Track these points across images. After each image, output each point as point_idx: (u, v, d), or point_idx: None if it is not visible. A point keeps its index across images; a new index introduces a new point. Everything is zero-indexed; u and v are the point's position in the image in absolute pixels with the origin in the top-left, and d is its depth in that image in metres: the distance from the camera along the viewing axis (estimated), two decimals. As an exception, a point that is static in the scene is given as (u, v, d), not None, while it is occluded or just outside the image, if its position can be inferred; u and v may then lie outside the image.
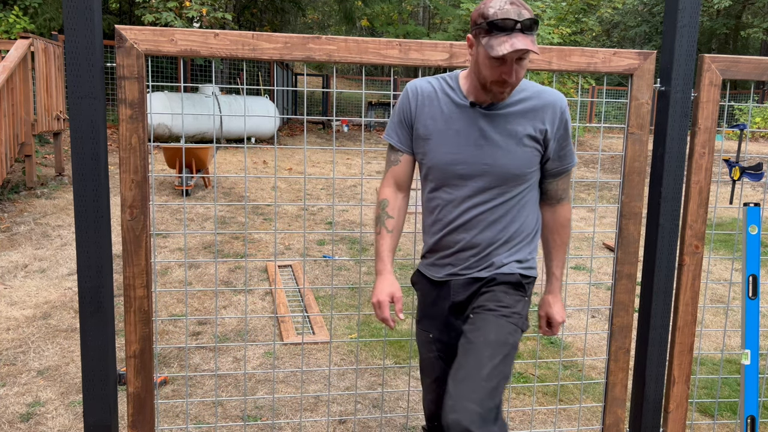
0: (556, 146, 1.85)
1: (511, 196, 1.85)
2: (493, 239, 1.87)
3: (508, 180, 1.82)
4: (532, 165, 1.84)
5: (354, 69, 22.16)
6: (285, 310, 4.29)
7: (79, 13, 1.79)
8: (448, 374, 1.93)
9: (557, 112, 1.83)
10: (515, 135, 1.80)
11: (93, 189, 1.87)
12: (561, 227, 1.95)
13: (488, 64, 1.69)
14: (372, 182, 9.37)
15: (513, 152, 1.80)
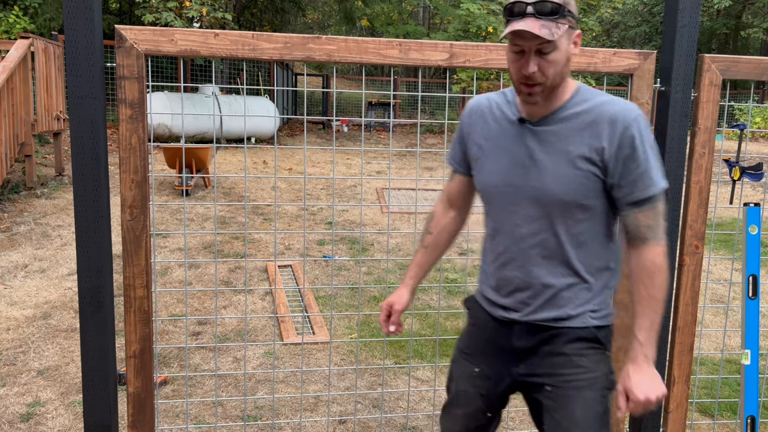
0: (621, 169, 1.50)
1: (569, 228, 1.56)
2: (550, 279, 1.59)
3: (560, 208, 1.54)
4: (589, 191, 1.52)
5: (354, 69, 22.17)
6: (285, 310, 4.28)
7: (79, 13, 1.79)
8: (483, 412, 1.73)
9: (618, 127, 1.49)
10: (567, 155, 1.52)
11: (93, 189, 1.87)
12: (646, 276, 1.52)
13: (510, 59, 1.51)
14: (372, 182, 9.37)
15: (563, 176, 1.52)
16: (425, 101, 18.88)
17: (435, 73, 24.27)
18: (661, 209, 1.53)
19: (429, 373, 3.52)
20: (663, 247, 1.53)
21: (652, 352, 1.52)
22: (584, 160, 1.51)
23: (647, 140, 1.52)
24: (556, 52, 1.47)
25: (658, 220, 1.53)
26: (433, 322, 4.27)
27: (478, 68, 2.06)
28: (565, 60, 1.50)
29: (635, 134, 1.50)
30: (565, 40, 1.48)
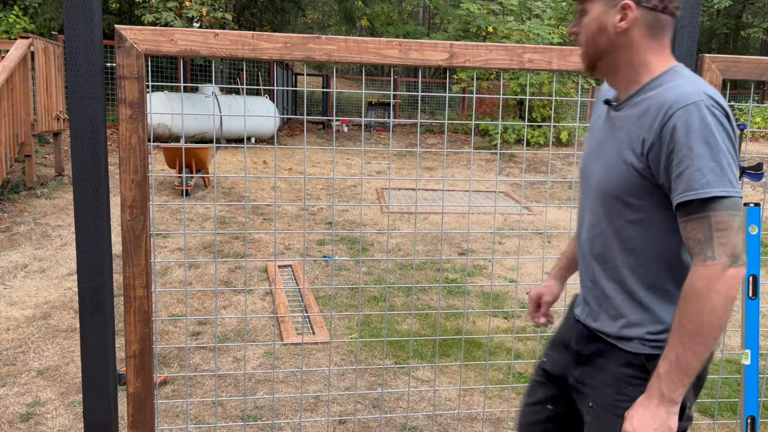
0: (662, 165, 1.29)
1: (618, 228, 1.41)
2: (604, 283, 1.45)
3: (608, 203, 1.40)
4: (632, 187, 1.35)
5: (354, 69, 22.16)
6: (285, 310, 4.28)
7: (79, 13, 1.79)
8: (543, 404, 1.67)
9: (659, 116, 1.28)
10: (619, 144, 1.38)
11: (93, 189, 1.87)
12: (682, 300, 1.27)
13: None
14: (372, 182, 9.36)
15: (611, 166, 1.39)
16: (425, 101, 18.88)
17: (435, 73, 24.27)
18: (720, 223, 1.24)
19: (429, 373, 3.52)
20: (709, 269, 1.23)
21: (673, 391, 1.27)
22: (630, 152, 1.35)
23: (698, 133, 1.24)
24: (585, 16, 1.39)
25: (710, 234, 1.24)
26: (433, 322, 4.27)
27: (478, 68, 2.06)
28: (596, 29, 1.38)
29: (678, 124, 1.25)
30: (598, 5, 1.37)
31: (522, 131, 13.42)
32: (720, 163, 1.24)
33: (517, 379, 3.50)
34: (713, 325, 1.24)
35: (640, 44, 1.37)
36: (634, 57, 1.38)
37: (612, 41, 1.38)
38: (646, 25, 1.36)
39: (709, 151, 1.24)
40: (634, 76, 1.39)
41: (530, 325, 4.27)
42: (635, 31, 1.36)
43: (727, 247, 1.24)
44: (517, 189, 9.52)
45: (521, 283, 3.58)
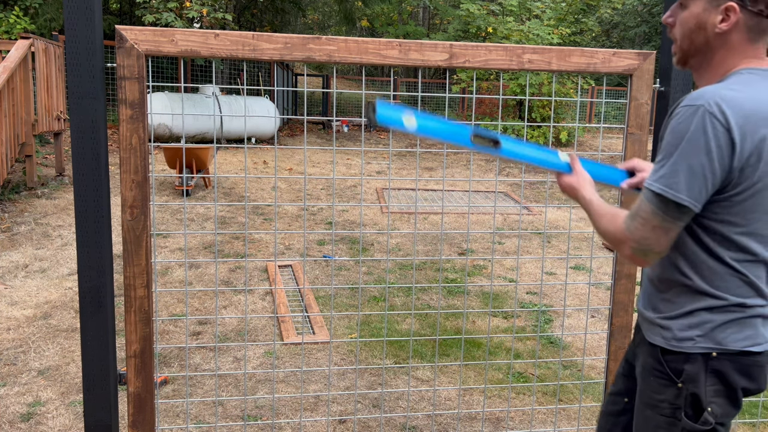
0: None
1: None
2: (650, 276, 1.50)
3: None
4: None
5: (354, 69, 22.17)
6: (285, 310, 4.29)
7: (79, 14, 1.79)
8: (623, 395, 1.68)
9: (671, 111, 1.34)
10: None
11: (93, 189, 1.87)
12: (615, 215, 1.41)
13: None
14: (372, 182, 9.37)
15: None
16: (425, 101, 18.88)
17: (435, 74, 24.27)
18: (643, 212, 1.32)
19: (429, 372, 3.52)
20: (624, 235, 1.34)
21: (585, 192, 1.53)
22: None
23: (679, 132, 1.27)
24: (684, 10, 1.37)
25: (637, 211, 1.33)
26: (433, 321, 4.27)
27: (478, 68, 2.06)
28: (695, 26, 1.35)
29: (672, 120, 1.30)
30: (700, 2, 1.34)
31: (522, 131, 13.43)
32: (676, 165, 1.27)
33: (517, 378, 3.51)
34: (599, 227, 1.44)
35: (737, 47, 1.34)
36: (726, 58, 1.36)
37: (708, 41, 1.35)
38: (746, 28, 1.32)
39: (678, 152, 1.27)
40: (709, 76, 1.39)
41: (530, 325, 4.27)
42: (734, 33, 1.33)
43: (638, 233, 1.33)
44: (516, 189, 9.52)
45: (521, 283, 3.58)
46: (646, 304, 1.49)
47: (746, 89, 1.29)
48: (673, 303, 1.42)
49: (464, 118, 16.44)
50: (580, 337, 4.06)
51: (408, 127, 1.53)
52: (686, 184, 1.26)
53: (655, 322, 1.45)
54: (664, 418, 1.42)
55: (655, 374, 1.44)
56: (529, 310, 4.57)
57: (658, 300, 1.45)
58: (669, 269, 1.42)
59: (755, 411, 3.20)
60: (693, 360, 1.39)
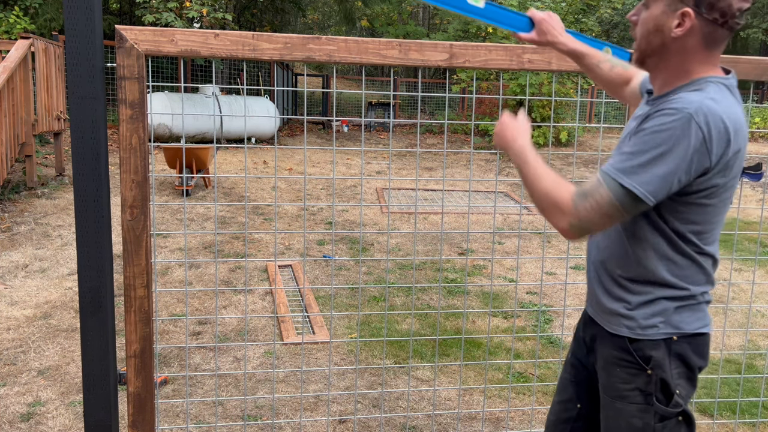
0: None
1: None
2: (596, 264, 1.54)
3: None
4: None
5: (354, 69, 22.18)
6: (285, 310, 4.29)
7: (79, 14, 1.79)
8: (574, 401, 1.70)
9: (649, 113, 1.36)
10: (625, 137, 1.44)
11: (93, 189, 1.87)
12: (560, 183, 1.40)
13: None
14: (372, 182, 9.37)
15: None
16: (425, 101, 18.89)
17: (435, 74, 24.28)
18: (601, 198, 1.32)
19: (429, 373, 3.52)
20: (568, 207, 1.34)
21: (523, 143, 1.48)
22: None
23: (664, 133, 1.28)
24: (645, 11, 1.40)
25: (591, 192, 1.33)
26: (433, 322, 4.27)
27: (478, 68, 2.06)
28: (653, 27, 1.37)
29: (658, 117, 1.30)
30: (660, 5, 1.36)
31: (522, 131, 13.40)
32: (643, 161, 1.29)
33: (517, 378, 3.51)
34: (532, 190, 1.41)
35: (691, 52, 1.37)
36: (681, 62, 1.38)
37: (665, 44, 1.38)
38: (701, 35, 1.35)
39: (649, 149, 1.29)
40: (672, 79, 1.41)
41: (530, 325, 4.27)
42: (690, 39, 1.35)
43: (584, 214, 1.34)
44: (516, 189, 9.52)
45: (521, 283, 3.58)
46: (605, 297, 1.52)
47: (723, 101, 1.32)
48: (635, 294, 1.47)
49: (464, 118, 16.45)
50: (580, 337, 4.06)
51: None
52: (657, 185, 1.30)
53: (618, 313, 1.49)
54: (637, 406, 1.46)
55: (622, 365, 1.48)
56: (529, 310, 4.57)
57: (620, 292, 1.49)
58: (632, 263, 1.46)
59: (755, 411, 3.20)
60: (658, 346, 1.45)
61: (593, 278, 1.57)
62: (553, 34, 1.69)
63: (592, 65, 1.72)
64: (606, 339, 1.53)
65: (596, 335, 1.58)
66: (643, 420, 1.47)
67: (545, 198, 1.38)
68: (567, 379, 1.73)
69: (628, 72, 1.72)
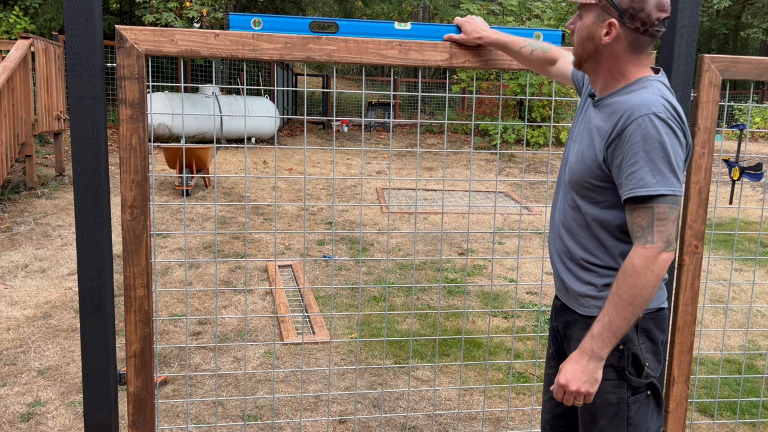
0: (617, 161, 1.50)
1: (576, 206, 1.62)
2: (561, 249, 1.68)
3: (574, 185, 1.61)
4: (593, 174, 1.55)
5: (354, 69, 22.18)
6: (285, 310, 4.29)
7: (79, 14, 1.79)
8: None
9: (623, 118, 1.48)
10: (590, 134, 1.57)
11: (93, 189, 1.87)
12: (621, 273, 1.47)
13: None
14: (372, 182, 9.36)
15: (582, 155, 1.58)
16: (425, 101, 18.89)
17: (435, 74, 24.28)
18: (661, 214, 1.45)
19: (429, 373, 3.52)
20: (648, 251, 1.44)
21: (602, 350, 1.48)
22: (597, 144, 1.54)
23: (651, 140, 1.44)
24: (579, 21, 1.57)
25: (651, 222, 1.45)
26: (433, 322, 4.27)
27: (478, 68, 2.06)
28: (586, 35, 1.54)
29: (637, 130, 1.45)
30: (590, 15, 1.53)
31: (522, 131, 13.43)
32: (669, 165, 1.45)
33: (517, 378, 3.51)
34: (643, 298, 1.45)
35: (621, 56, 1.54)
36: (614, 66, 1.55)
37: (597, 49, 1.55)
38: (627, 41, 1.52)
39: (661, 156, 1.44)
40: (611, 80, 1.57)
41: (530, 325, 4.27)
42: (617, 45, 1.53)
43: (664, 234, 1.45)
44: (516, 189, 9.52)
45: (521, 283, 3.59)
46: (575, 282, 1.64)
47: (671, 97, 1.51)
48: (601, 277, 1.60)
49: (464, 118, 16.44)
50: (580, 337, 4.06)
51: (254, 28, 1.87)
52: (678, 179, 1.47)
53: (588, 295, 1.61)
54: (611, 382, 1.57)
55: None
56: (529, 310, 4.57)
57: (589, 276, 1.61)
58: (595, 249, 1.61)
59: (755, 411, 3.20)
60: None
61: (560, 268, 1.69)
62: (477, 30, 1.94)
63: (514, 51, 1.93)
64: (579, 322, 1.64)
65: (570, 321, 1.68)
66: (617, 395, 1.57)
67: (646, 285, 1.45)
68: (551, 374, 1.80)
69: (548, 54, 1.91)
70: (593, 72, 1.59)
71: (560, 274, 1.68)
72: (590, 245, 1.60)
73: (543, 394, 1.87)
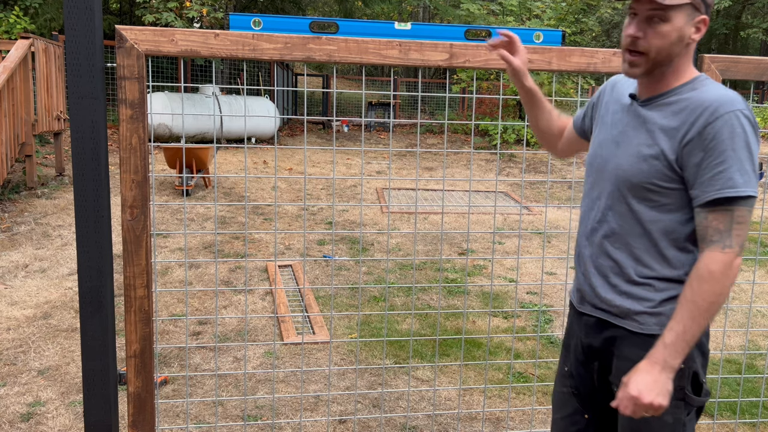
0: (693, 166, 1.41)
1: (632, 211, 1.51)
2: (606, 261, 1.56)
3: (627, 188, 1.50)
4: (659, 177, 1.46)
5: (354, 69, 22.18)
6: (285, 310, 4.29)
7: (79, 14, 1.79)
8: (581, 413, 1.68)
9: (703, 116, 1.40)
10: (650, 135, 1.48)
11: (93, 189, 1.87)
12: (695, 278, 1.40)
13: (625, 24, 1.49)
14: (372, 182, 9.37)
15: (639, 155, 1.48)
16: (425, 101, 18.89)
17: (435, 74, 24.28)
18: (740, 217, 1.39)
19: (429, 373, 3.52)
20: (726, 256, 1.38)
21: (675, 360, 1.40)
22: (663, 144, 1.45)
23: (737, 137, 1.38)
24: (666, 24, 1.42)
25: (730, 226, 1.39)
26: (433, 322, 4.27)
27: (478, 68, 2.06)
28: (676, 38, 1.43)
29: (721, 127, 1.38)
30: (681, 16, 1.42)
31: (522, 131, 13.43)
32: (752, 167, 1.40)
33: (517, 378, 3.51)
34: (719, 304, 1.39)
35: (689, 54, 1.49)
36: (681, 63, 1.49)
37: (680, 51, 1.47)
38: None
39: (747, 155, 1.39)
40: (670, 79, 1.50)
41: (530, 325, 4.27)
42: (694, 43, 1.48)
43: (740, 239, 1.40)
44: (516, 189, 9.52)
45: (521, 283, 3.58)
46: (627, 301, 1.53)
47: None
48: (660, 290, 1.51)
49: (464, 118, 16.45)
50: (580, 337, 4.06)
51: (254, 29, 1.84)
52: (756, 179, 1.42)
53: (646, 312, 1.51)
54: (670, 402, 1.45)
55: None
56: (529, 310, 4.57)
57: (644, 291, 1.51)
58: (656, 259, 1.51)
59: (755, 411, 3.20)
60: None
61: (599, 283, 1.57)
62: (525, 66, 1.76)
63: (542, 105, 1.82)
64: (629, 339, 1.52)
65: (614, 338, 1.56)
66: (674, 415, 1.49)
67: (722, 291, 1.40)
68: (566, 393, 1.70)
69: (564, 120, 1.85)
70: (659, 74, 1.49)
71: (599, 291, 1.57)
72: (646, 256, 1.51)
73: (553, 412, 1.76)
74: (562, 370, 1.71)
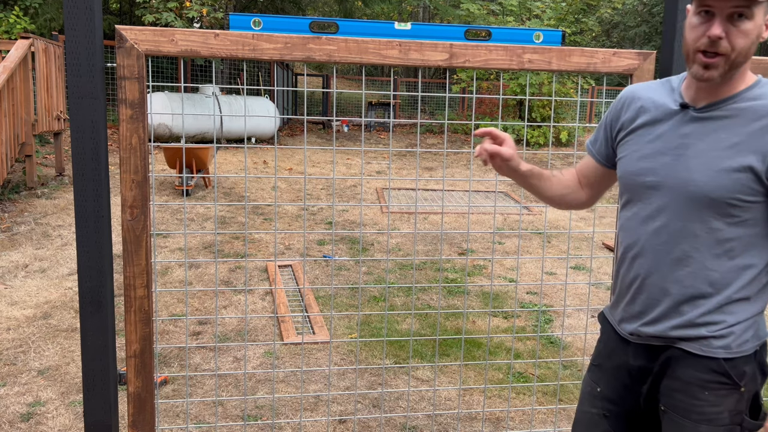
0: None
1: (709, 229, 1.38)
2: (674, 284, 1.42)
3: (703, 205, 1.37)
4: (744, 190, 1.34)
5: (354, 69, 22.18)
6: (285, 310, 4.29)
7: (79, 14, 1.79)
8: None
9: None
10: (726, 146, 1.35)
11: (93, 189, 1.87)
12: None
13: (691, 25, 1.34)
14: (372, 182, 9.37)
15: (715, 168, 1.35)
16: (425, 101, 18.89)
17: (435, 73, 24.28)
18: None
19: (429, 373, 3.52)
20: None
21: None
22: (740, 158, 1.34)
23: None
24: (749, 22, 1.31)
25: None
26: (433, 322, 4.27)
27: (478, 68, 2.06)
28: (755, 37, 1.33)
29: None
30: (761, 13, 1.32)
31: (522, 131, 13.43)
32: None
33: (517, 378, 3.51)
34: None
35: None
36: (747, 66, 1.39)
37: (753, 50, 1.37)
38: None
39: None
40: (738, 82, 1.39)
41: (530, 325, 4.27)
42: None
43: None
44: (516, 189, 9.52)
45: (521, 283, 3.59)
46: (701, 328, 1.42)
47: None
48: (732, 314, 1.40)
49: (464, 118, 16.45)
50: (580, 337, 4.06)
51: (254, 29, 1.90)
52: None
53: (714, 336, 1.41)
54: (724, 427, 1.39)
55: (712, 387, 1.40)
56: (529, 310, 4.57)
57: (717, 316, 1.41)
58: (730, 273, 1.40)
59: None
60: (750, 360, 1.41)
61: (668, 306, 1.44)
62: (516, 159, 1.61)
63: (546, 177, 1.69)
64: (689, 360, 1.43)
65: (670, 358, 1.46)
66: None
67: None
68: (596, 414, 1.59)
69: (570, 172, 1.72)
70: (729, 77, 1.37)
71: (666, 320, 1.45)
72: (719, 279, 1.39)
73: (573, 428, 1.66)
74: (594, 390, 1.60)
